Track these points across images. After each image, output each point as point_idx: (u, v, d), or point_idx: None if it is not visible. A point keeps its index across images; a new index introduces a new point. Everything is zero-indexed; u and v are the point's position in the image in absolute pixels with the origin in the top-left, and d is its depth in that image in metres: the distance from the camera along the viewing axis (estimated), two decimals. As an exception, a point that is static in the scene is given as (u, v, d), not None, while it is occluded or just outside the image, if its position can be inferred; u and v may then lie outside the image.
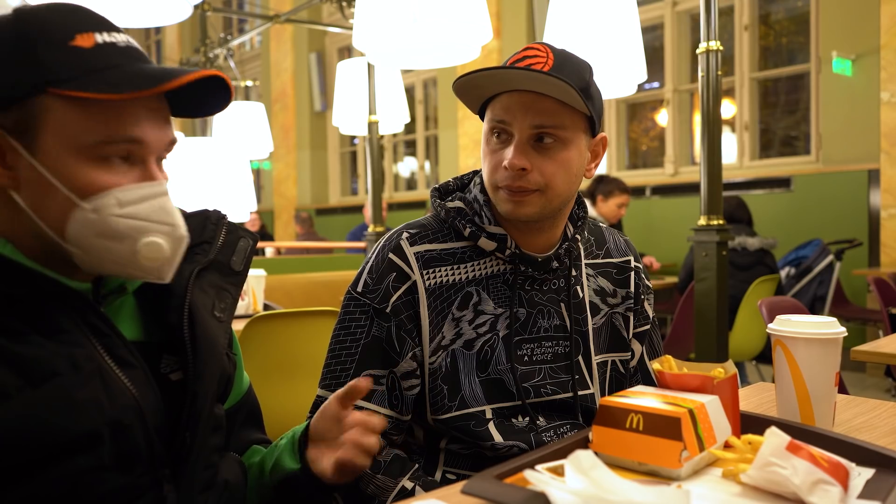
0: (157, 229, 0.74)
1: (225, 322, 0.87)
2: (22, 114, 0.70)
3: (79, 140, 0.71)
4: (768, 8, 5.61)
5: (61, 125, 0.70)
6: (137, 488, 0.75)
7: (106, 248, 0.72)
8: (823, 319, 0.96)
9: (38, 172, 0.71)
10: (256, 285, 2.61)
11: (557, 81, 0.97)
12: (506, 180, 1.04)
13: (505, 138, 1.05)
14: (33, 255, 0.74)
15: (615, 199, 4.10)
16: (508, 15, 6.54)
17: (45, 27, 0.71)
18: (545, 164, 1.03)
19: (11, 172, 0.72)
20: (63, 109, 0.70)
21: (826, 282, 4.23)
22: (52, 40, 0.70)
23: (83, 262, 0.74)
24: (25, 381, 0.68)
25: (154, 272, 0.75)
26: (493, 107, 1.06)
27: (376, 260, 1.10)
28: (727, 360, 0.96)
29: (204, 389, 0.80)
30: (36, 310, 0.72)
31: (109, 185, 0.72)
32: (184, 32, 10.94)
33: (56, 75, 0.69)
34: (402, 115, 3.87)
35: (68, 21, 0.72)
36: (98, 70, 0.71)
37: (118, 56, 0.73)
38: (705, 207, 2.15)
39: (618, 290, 1.20)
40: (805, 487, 0.68)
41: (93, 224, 0.71)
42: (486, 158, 1.08)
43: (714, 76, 2.10)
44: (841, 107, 4.78)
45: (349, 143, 9.32)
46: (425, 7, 2.09)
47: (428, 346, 1.07)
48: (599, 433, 0.83)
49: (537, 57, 1.03)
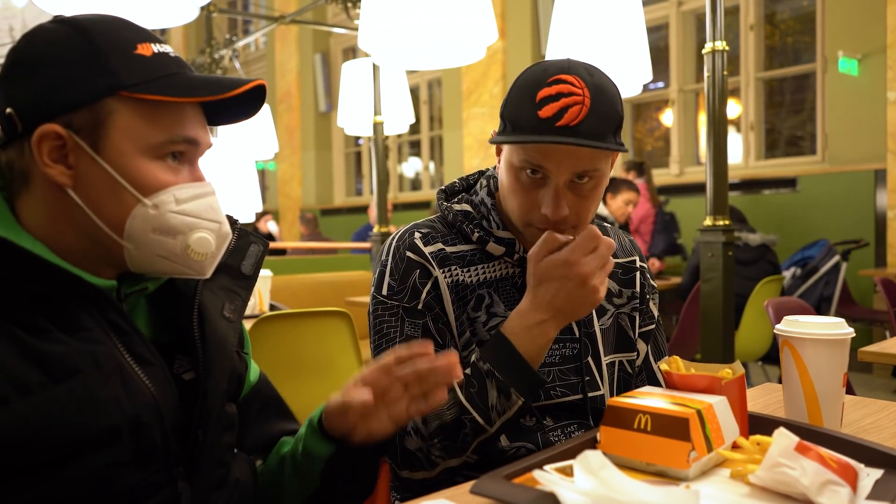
0: (206, 226, 0.79)
1: (235, 322, 0.88)
2: (91, 115, 0.74)
3: (145, 140, 0.76)
4: (774, 7, 5.59)
5: (129, 126, 0.75)
6: (153, 485, 0.76)
7: (159, 243, 0.77)
8: (831, 320, 0.96)
9: (102, 170, 0.75)
10: (263, 286, 2.62)
11: (600, 144, 0.95)
12: (542, 223, 1.01)
13: (539, 178, 1.00)
14: (66, 252, 0.76)
15: (623, 195, 4.10)
16: (513, 16, 6.53)
17: (111, 37, 0.76)
18: (581, 204, 1.01)
19: (72, 171, 0.75)
20: (130, 111, 0.75)
21: (832, 282, 4.22)
22: (119, 49, 0.76)
23: (133, 258, 0.78)
24: (48, 377, 0.69)
25: (198, 267, 0.79)
26: (526, 146, 0.99)
27: (395, 261, 1.09)
28: (733, 360, 0.96)
29: (214, 388, 0.81)
30: (59, 307, 0.73)
31: (169, 182, 0.77)
32: (189, 34, 10.97)
33: (127, 80, 0.75)
34: (407, 116, 3.87)
35: (127, 32, 0.78)
36: (161, 76, 0.76)
37: (173, 65, 0.79)
38: (711, 208, 2.15)
39: (623, 290, 1.19)
40: (814, 488, 0.68)
41: (152, 219, 0.76)
42: (517, 195, 1.02)
43: (720, 76, 2.10)
44: (847, 106, 4.77)
45: (354, 144, 9.33)
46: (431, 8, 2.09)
47: (459, 341, 1.07)
48: (607, 434, 0.83)
49: (573, 96, 0.95)
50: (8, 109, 0.74)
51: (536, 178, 1.00)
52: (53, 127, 0.73)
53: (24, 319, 0.70)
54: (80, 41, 0.75)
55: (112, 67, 0.74)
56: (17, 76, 0.75)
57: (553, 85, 0.96)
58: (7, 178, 0.77)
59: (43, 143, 0.73)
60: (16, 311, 0.70)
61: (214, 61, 4.69)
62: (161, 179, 0.76)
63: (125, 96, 0.75)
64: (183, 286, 0.84)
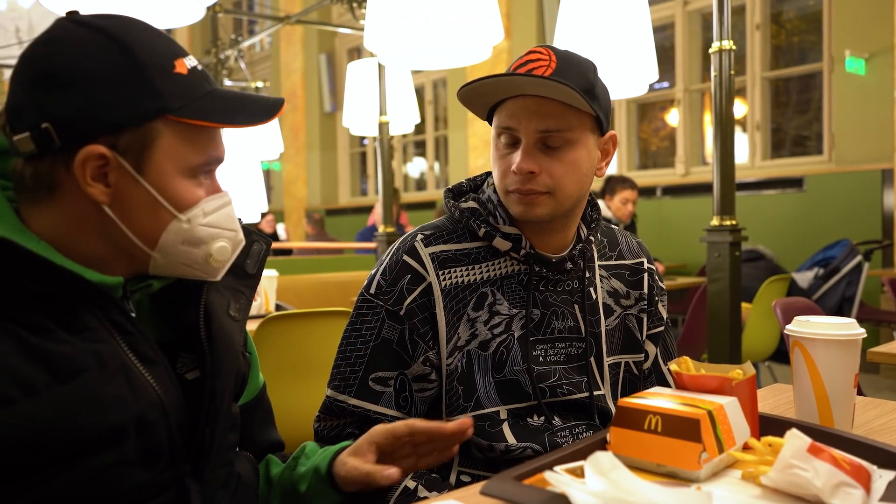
0: (226, 235, 0.81)
1: (240, 321, 0.89)
2: (137, 137, 0.74)
3: (186, 161, 0.78)
4: (780, 7, 5.57)
5: (172, 148, 0.76)
6: (160, 484, 0.76)
7: (186, 253, 0.79)
8: (842, 320, 0.95)
9: (143, 190, 0.76)
10: (269, 286, 2.62)
11: (559, 86, 0.98)
12: (515, 184, 1.05)
13: (513, 143, 1.06)
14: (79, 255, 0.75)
15: (619, 194, 4.08)
16: (518, 16, 6.53)
17: (150, 54, 0.75)
18: (553, 165, 1.04)
19: (110, 189, 0.75)
20: (174, 134, 0.76)
21: (854, 282, 4.18)
22: (160, 67, 0.75)
23: (158, 266, 0.80)
24: (53, 377, 0.69)
25: (213, 272, 0.82)
26: (499, 113, 1.07)
27: (390, 262, 1.10)
28: (740, 360, 0.95)
29: (222, 387, 0.82)
30: (63, 307, 0.73)
31: (200, 198, 0.80)
32: (195, 34, 11.00)
33: (172, 103, 0.75)
34: (412, 116, 3.87)
35: (163, 47, 0.77)
36: (199, 97, 0.77)
37: (205, 82, 0.79)
38: (718, 208, 2.14)
39: (631, 291, 1.19)
40: (827, 490, 0.67)
41: (184, 233, 0.78)
42: (496, 163, 1.09)
43: (727, 76, 2.09)
44: (854, 106, 4.75)
45: (359, 144, 9.33)
46: (436, 8, 2.09)
47: (445, 348, 1.06)
48: (617, 434, 0.82)
49: (540, 61, 1.03)
50: (44, 124, 0.71)
51: (510, 144, 1.06)
52: (99, 149, 0.72)
53: (27, 319, 0.70)
54: (119, 55, 0.73)
55: (158, 89, 0.74)
56: (53, 89, 0.72)
57: (524, 56, 1.05)
58: (24, 186, 0.75)
59: (87, 164, 0.73)
60: (19, 312, 0.70)
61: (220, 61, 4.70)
62: (196, 196, 0.79)
63: (171, 120, 0.75)
64: (189, 285, 0.84)
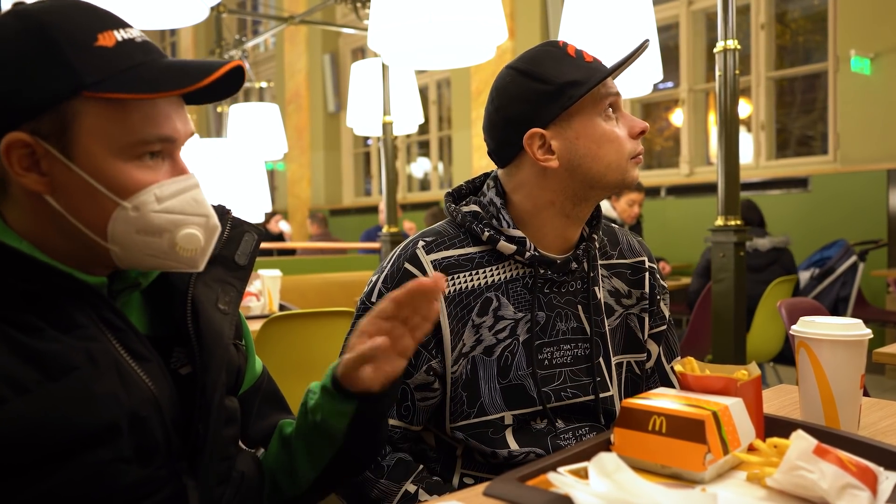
0: (193, 221, 0.76)
1: (230, 314, 0.86)
2: (56, 119, 0.70)
3: (117, 141, 0.72)
4: (785, 6, 5.56)
5: (97, 127, 0.71)
6: (157, 481, 0.75)
7: (145, 244, 0.74)
8: (848, 321, 0.94)
9: (76, 176, 0.71)
10: (272, 286, 2.62)
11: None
12: (639, 146, 1.10)
13: (616, 109, 1.09)
14: (55, 253, 0.75)
15: (626, 196, 4.08)
16: (522, 16, 6.52)
17: (67, 29, 0.70)
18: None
19: (46, 178, 0.72)
20: (97, 112, 0.71)
21: (849, 283, 4.17)
22: (77, 43, 0.70)
23: (121, 259, 0.76)
24: (44, 375, 0.68)
25: (189, 262, 0.77)
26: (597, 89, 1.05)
27: (391, 269, 1.08)
28: (745, 361, 0.95)
29: (212, 381, 0.80)
30: (51, 305, 0.72)
31: (147, 182, 0.73)
32: (198, 34, 11.01)
33: (89, 78, 0.69)
34: (416, 116, 3.87)
35: (86, 21, 0.72)
36: (126, 69, 0.71)
37: (140, 53, 0.73)
38: (723, 208, 2.13)
39: (632, 290, 1.18)
40: (833, 492, 0.67)
41: (134, 221, 0.73)
42: (613, 135, 1.06)
43: (731, 75, 2.08)
44: (859, 106, 4.73)
45: (362, 144, 9.34)
46: (440, 8, 2.08)
47: (450, 356, 1.05)
48: (621, 435, 0.82)
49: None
50: None
51: (614, 111, 1.08)
52: (19, 135, 0.69)
53: (16, 318, 0.69)
54: (32, 36, 0.70)
55: (72, 65, 0.69)
56: None
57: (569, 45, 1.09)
58: None
59: (11, 153, 0.70)
60: (8, 311, 0.69)
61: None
62: (138, 180, 0.73)
63: (88, 96, 0.70)
64: (176, 280, 0.83)
